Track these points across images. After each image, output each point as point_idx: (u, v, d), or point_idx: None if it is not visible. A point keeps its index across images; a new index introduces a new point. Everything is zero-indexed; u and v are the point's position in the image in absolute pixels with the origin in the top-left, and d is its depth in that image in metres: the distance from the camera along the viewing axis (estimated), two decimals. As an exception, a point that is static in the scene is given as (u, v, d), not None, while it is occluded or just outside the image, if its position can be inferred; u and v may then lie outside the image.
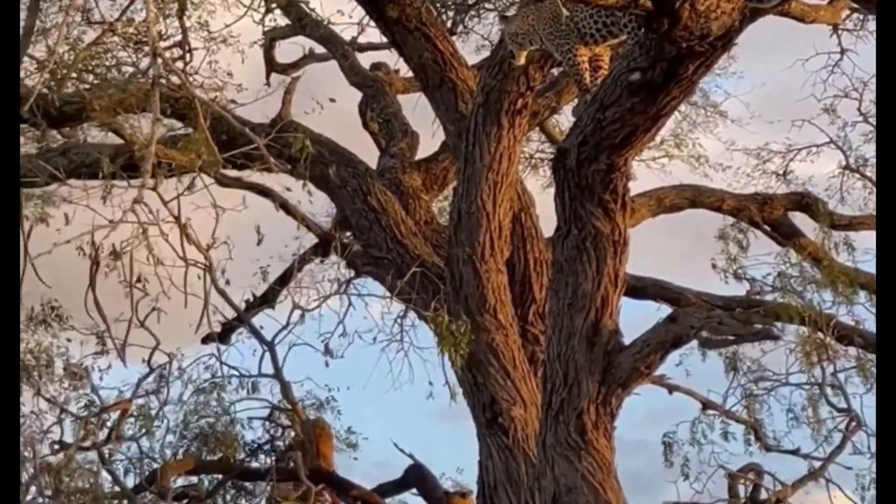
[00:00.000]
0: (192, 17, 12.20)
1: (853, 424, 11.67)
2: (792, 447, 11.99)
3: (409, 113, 12.48)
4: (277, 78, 13.55)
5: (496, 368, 9.69)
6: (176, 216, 7.80)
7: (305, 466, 10.92)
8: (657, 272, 12.36)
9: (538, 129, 13.42)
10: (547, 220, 9.96)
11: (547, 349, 8.19)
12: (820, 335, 10.84)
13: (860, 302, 11.58)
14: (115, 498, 11.31)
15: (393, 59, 12.60)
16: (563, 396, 7.83)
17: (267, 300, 11.82)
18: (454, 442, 12.94)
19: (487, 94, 9.93)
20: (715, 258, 12.53)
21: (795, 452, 11.97)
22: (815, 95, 13.35)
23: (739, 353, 11.81)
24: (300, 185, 9.42)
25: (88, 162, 10.57)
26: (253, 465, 11.99)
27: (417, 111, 12.23)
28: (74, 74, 11.90)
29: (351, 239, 11.47)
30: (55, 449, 11.29)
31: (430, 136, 12.07)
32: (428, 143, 12.18)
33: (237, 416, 11.90)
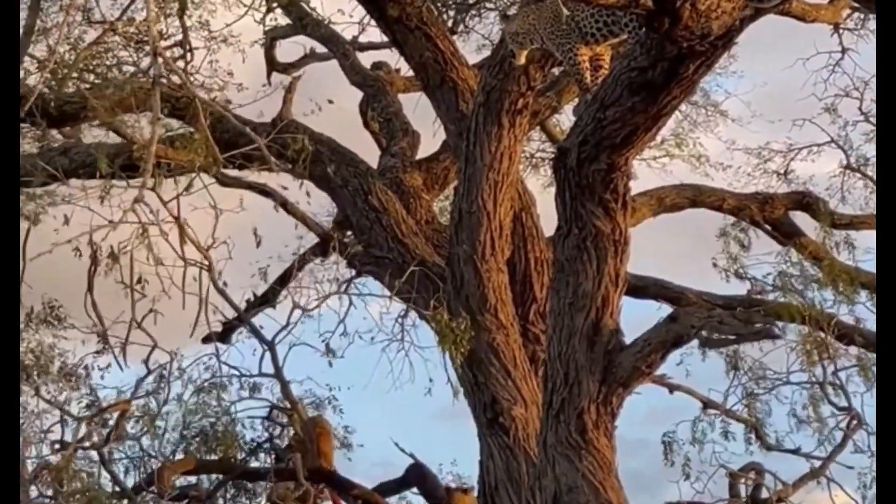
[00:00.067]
0: (192, 16, 12.21)
1: (854, 423, 11.69)
2: (793, 446, 12.00)
3: (409, 112, 12.49)
4: (278, 77, 13.55)
5: (497, 368, 9.68)
6: (175, 216, 7.79)
7: (306, 466, 10.92)
8: (658, 271, 12.37)
9: (539, 128, 13.42)
10: (548, 219, 9.96)
11: (548, 348, 8.18)
12: (821, 334, 10.84)
13: (861, 301, 11.59)
14: (115, 498, 11.31)
15: (394, 58, 12.61)
16: (563, 396, 7.83)
17: (267, 300, 11.82)
18: (455, 441, 12.94)
19: (488, 93, 9.92)
20: (716, 257, 12.55)
21: (796, 452, 11.98)
22: (815, 95, 13.36)
23: (740, 352, 11.82)
24: (299, 184, 9.44)
25: (89, 162, 10.56)
26: (253, 464, 11.99)
27: (418, 110, 12.24)
28: (75, 74, 11.88)
29: (352, 238, 11.47)
30: (55, 449, 11.30)
31: (430, 135, 12.07)
32: (429, 142, 12.18)
33: (237, 415, 11.92)
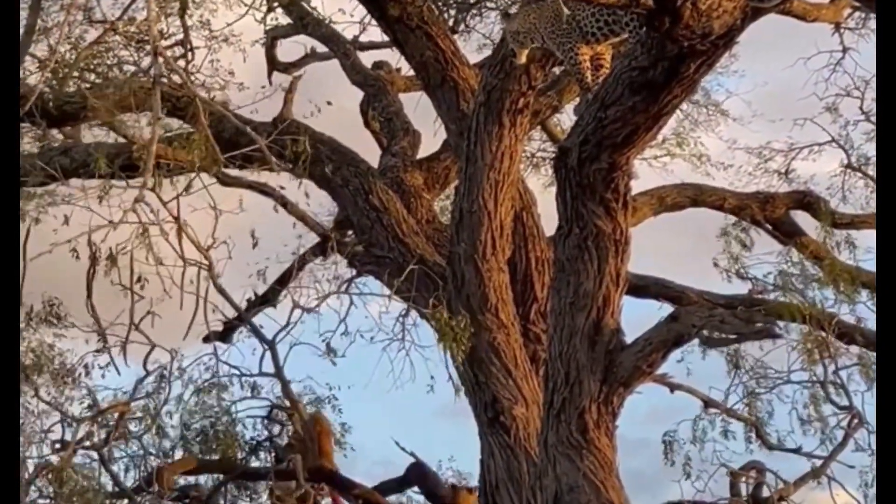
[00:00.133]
0: (193, 15, 12.19)
1: (855, 422, 11.69)
2: (794, 445, 12.00)
3: (410, 112, 12.48)
4: (279, 77, 13.55)
5: (498, 367, 9.68)
6: (175, 216, 7.80)
7: (307, 465, 10.92)
8: (659, 271, 12.37)
9: (540, 127, 13.41)
10: (548, 218, 9.95)
11: (548, 348, 8.18)
12: (821, 333, 10.85)
13: (861, 300, 11.59)
14: (115, 498, 11.31)
15: (394, 57, 12.59)
16: (564, 395, 7.82)
17: (267, 299, 11.82)
18: (456, 440, 12.95)
19: (489, 92, 9.91)
20: (717, 257, 12.57)
21: (797, 451, 11.97)
22: (816, 94, 13.33)
23: (741, 351, 11.83)
24: (298, 184, 9.44)
25: (90, 161, 10.56)
26: (253, 463, 11.99)
27: (419, 110, 12.22)
28: (76, 73, 11.88)
29: (352, 238, 11.46)
30: (55, 449, 11.30)
31: (431, 134, 12.06)
32: (429, 141, 12.18)
33: (237, 415, 11.92)
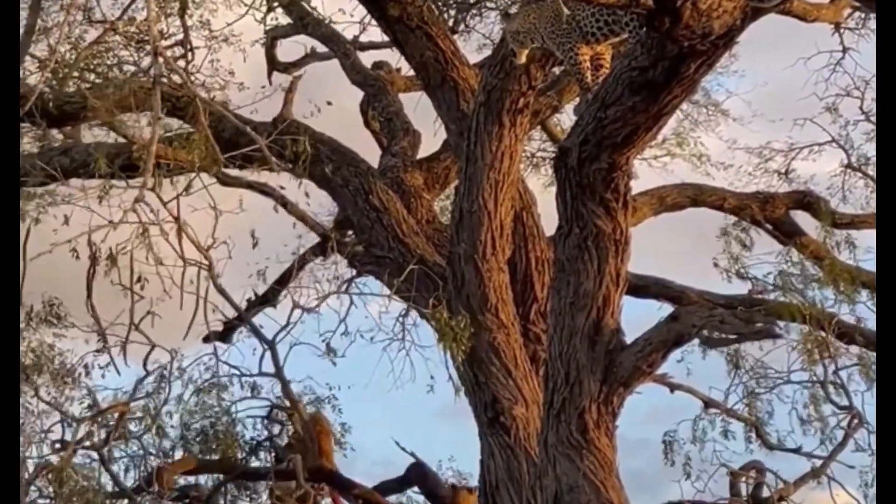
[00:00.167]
0: (193, 15, 12.19)
1: (855, 422, 11.69)
2: (794, 445, 12.00)
3: (410, 112, 12.48)
4: (279, 77, 13.55)
5: (498, 367, 9.67)
6: (175, 216, 7.80)
7: (307, 465, 10.92)
8: (659, 271, 12.37)
9: (540, 127, 13.41)
10: (548, 218, 9.95)
11: (548, 348, 8.18)
12: (821, 333, 10.85)
13: (861, 300, 11.59)
14: (115, 498, 11.31)
15: (394, 57, 12.59)
16: (564, 395, 7.82)
17: (267, 299, 11.82)
18: (456, 440, 12.95)
19: (489, 92, 9.91)
20: (717, 257, 12.56)
21: (797, 451, 11.97)
22: (816, 94, 13.32)
23: (741, 351, 11.83)
24: (298, 184, 9.43)
25: (90, 161, 10.56)
26: (253, 463, 11.99)
27: (419, 110, 12.22)
28: (76, 73, 11.88)
29: (352, 238, 11.46)
30: (55, 449, 11.30)
31: (431, 134, 12.06)
32: (429, 141, 12.18)
33: (237, 415, 11.92)
